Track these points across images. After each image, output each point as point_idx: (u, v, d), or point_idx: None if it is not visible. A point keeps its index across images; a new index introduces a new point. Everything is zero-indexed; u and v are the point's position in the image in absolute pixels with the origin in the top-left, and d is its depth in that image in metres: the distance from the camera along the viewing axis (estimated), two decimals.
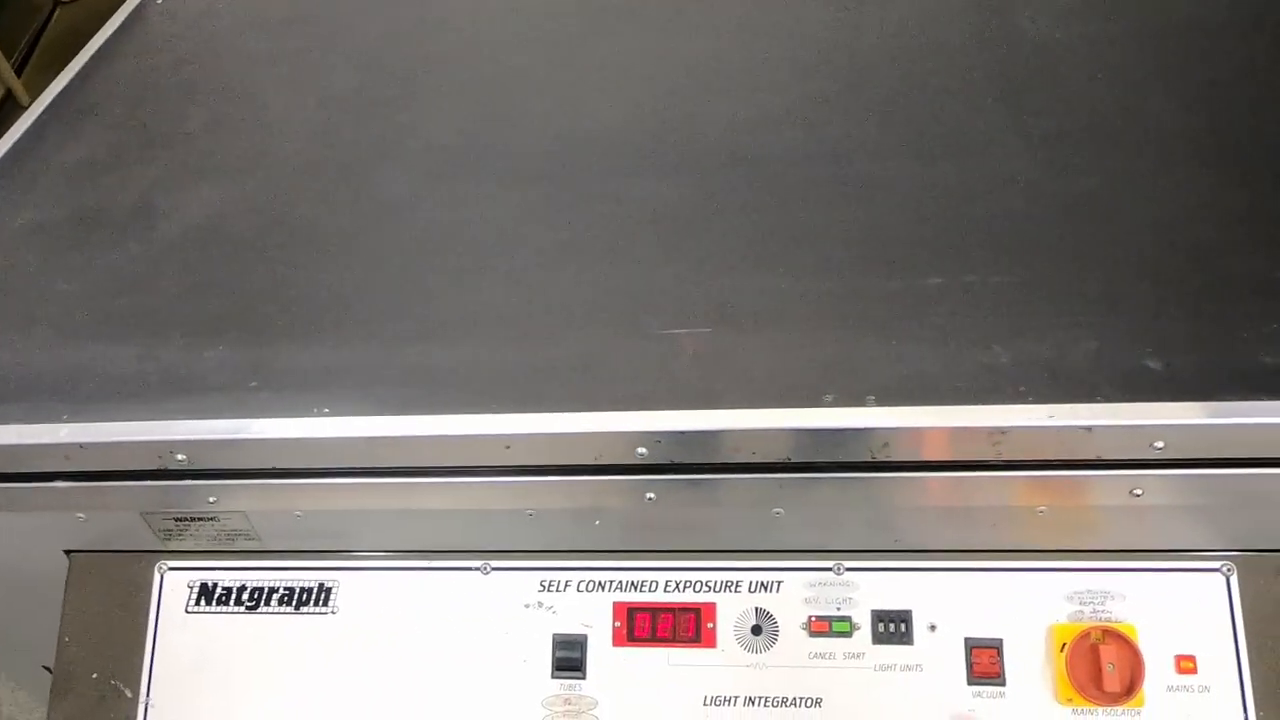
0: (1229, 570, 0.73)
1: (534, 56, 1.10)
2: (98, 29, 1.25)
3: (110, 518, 0.83)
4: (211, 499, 0.79)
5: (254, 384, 0.78)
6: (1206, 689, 0.71)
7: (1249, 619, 0.72)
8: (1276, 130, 0.87)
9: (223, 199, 0.97)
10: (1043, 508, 0.72)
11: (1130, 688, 0.70)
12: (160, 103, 1.10)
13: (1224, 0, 1.02)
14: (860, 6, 1.09)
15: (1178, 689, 0.71)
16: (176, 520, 0.82)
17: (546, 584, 0.80)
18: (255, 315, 0.84)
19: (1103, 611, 0.73)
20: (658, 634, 0.78)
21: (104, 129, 1.08)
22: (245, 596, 0.83)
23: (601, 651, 0.78)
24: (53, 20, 3.44)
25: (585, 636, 0.78)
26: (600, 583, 0.80)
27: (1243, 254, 0.76)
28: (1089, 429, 0.66)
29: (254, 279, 0.88)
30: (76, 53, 1.21)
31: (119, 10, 1.26)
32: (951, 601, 0.75)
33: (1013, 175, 0.87)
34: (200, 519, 0.82)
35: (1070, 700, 0.72)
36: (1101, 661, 0.71)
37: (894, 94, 0.98)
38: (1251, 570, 0.73)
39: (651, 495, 0.74)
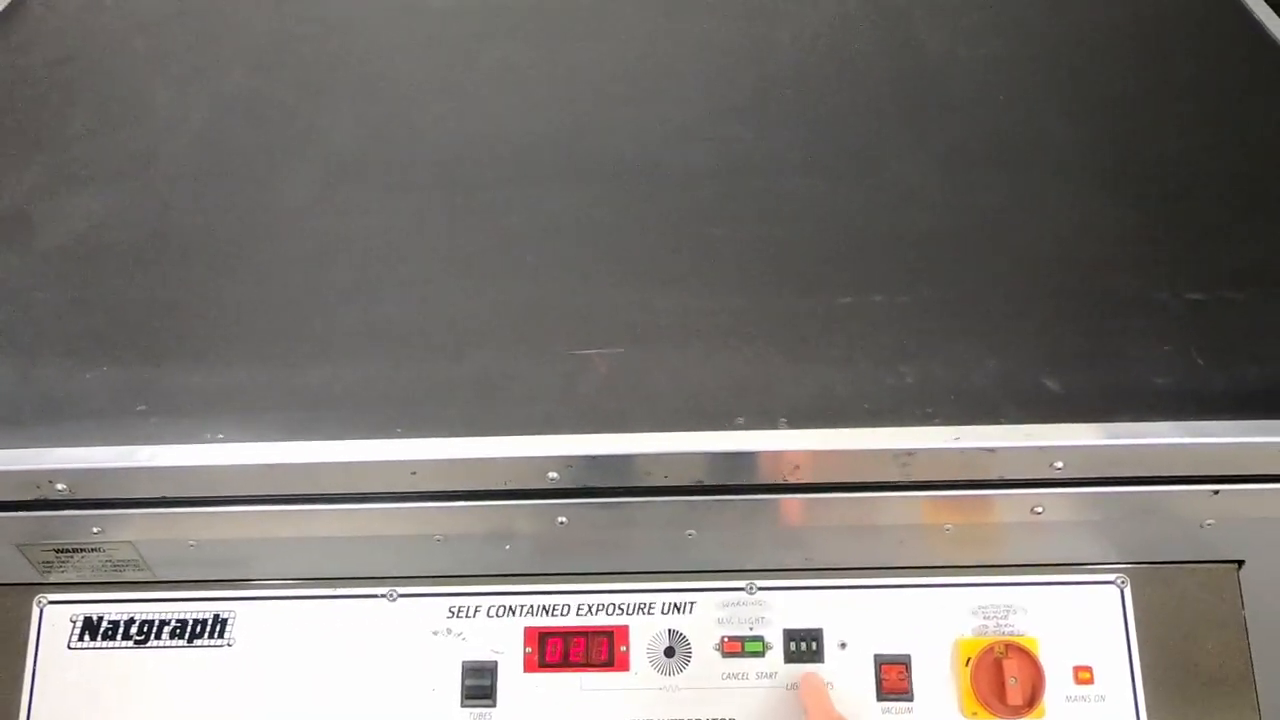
0: (1123, 582, 0.76)
1: (434, 60, 1.08)
2: None
3: None
4: (96, 529, 0.75)
5: (141, 407, 0.74)
6: (1102, 698, 0.74)
7: (1141, 629, 0.75)
8: (1169, 151, 0.90)
9: (105, 207, 0.91)
10: (948, 525, 0.74)
11: (1032, 700, 0.72)
12: (38, 102, 1.04)
13: (1120, 24, 1.06)
14: (768, 21, 1.10)
15: (1076, 699, 0.74)
16: (57, 551, 0.77)
17: (455, 610, 0.78)
18: (141, 333, 0.80)
19: (1006, 625, 0.75)
20: (570, 659, 0.77)
21: None
22: (134, 630, 0.79)
23: (512, 678, 0.76)
24: None
25: (495, 663, 0.77)
26: (510, 607, 0.78)
27: (1134, 274, 0.79)
28: (993, 450, 0.68)
29: (139, 293, 0.83)
30: None
31: None
32: (861, 619, 0.76)
33: (914, 192, 0.88)
34: (84, 550, 0.77)
35: (975, 714, 0.73)
36: (1005, 675, 0.72)
37: (800, 109, 0.98)
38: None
39: (563, 519, 0.73)
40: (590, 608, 0.78)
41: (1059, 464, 0.68)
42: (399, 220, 0.88)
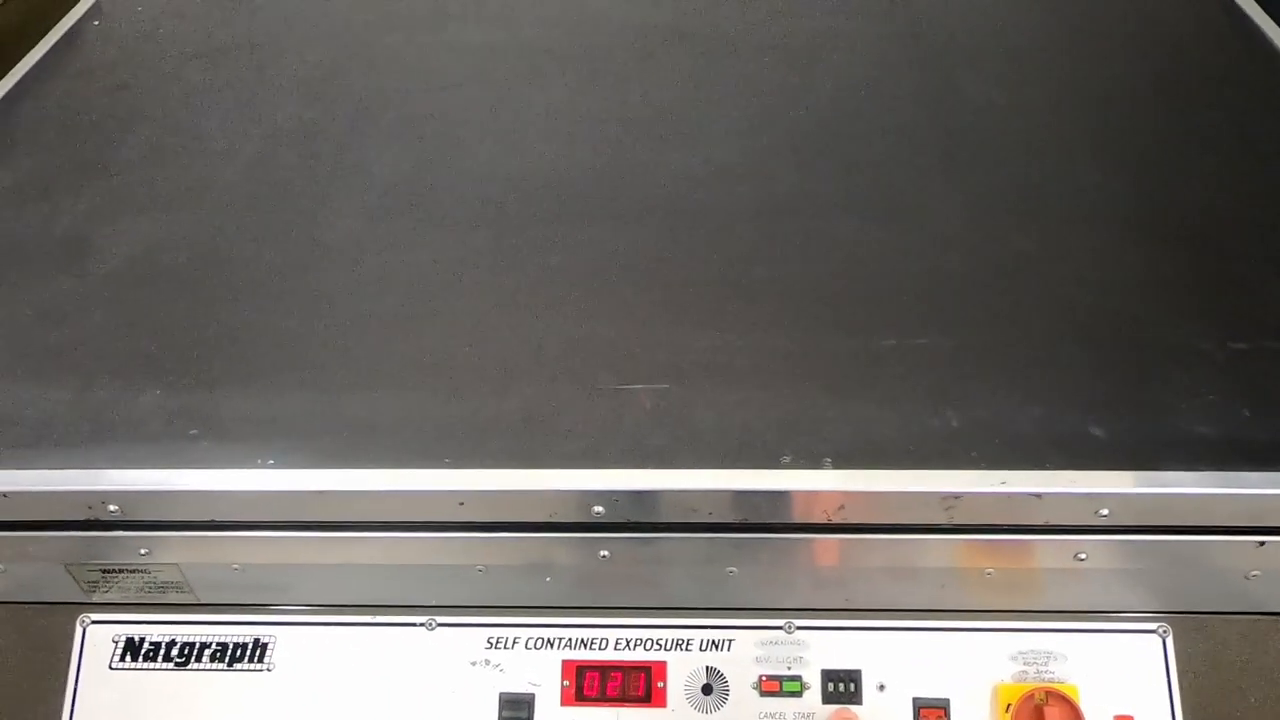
0: (1165, 631, 0.75)
1: (480, 98, 1.09)
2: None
3: (30, 568, 0.79)
4: (143, 551, 0.76)
5: (193, 431, 0.75)
6: None
7: (1183, 678, 0.74)
8: (1210, 199, 0.91)
9: (159, 233, 0.93)
10: (990, 570, 0.74)
11: None
12: (94, 129, 1.06)
13: (1157, 73, 1.07)
14: (807, 63, 1.11)
15: None
16: (104, 572, 0.78)
17: (494, 641, 0.78)
18: (192, 358, 0.81)
19: (1046, 672, 0.75)
20: (607, 693, 0.77)
21: (33, 155, 1.03)
22: (175, 652, 0.80)
23: (549, 711, 0.76)
24: None
25: (533, 695, 0.77)
26: (549, 640, 0.78)
27: (1177, 323, 0.79)
28: (1039, 496, 0.68)
29: (190, 319, 0.84)
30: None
31: (52, 30, 1.21)
32: (900, 661, 0.76)
33: (954, 236, 0.89)
34: (130, 570, 0.78)
35: None
36: None
37: (841, 151, 0.99)
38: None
39: (605, 553, 0.74)
40: (629, 642, 0.78)
41: (1104, 511, 0.68)
42: (446, 254, 0.90)
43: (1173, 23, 1.15)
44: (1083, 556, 0.71)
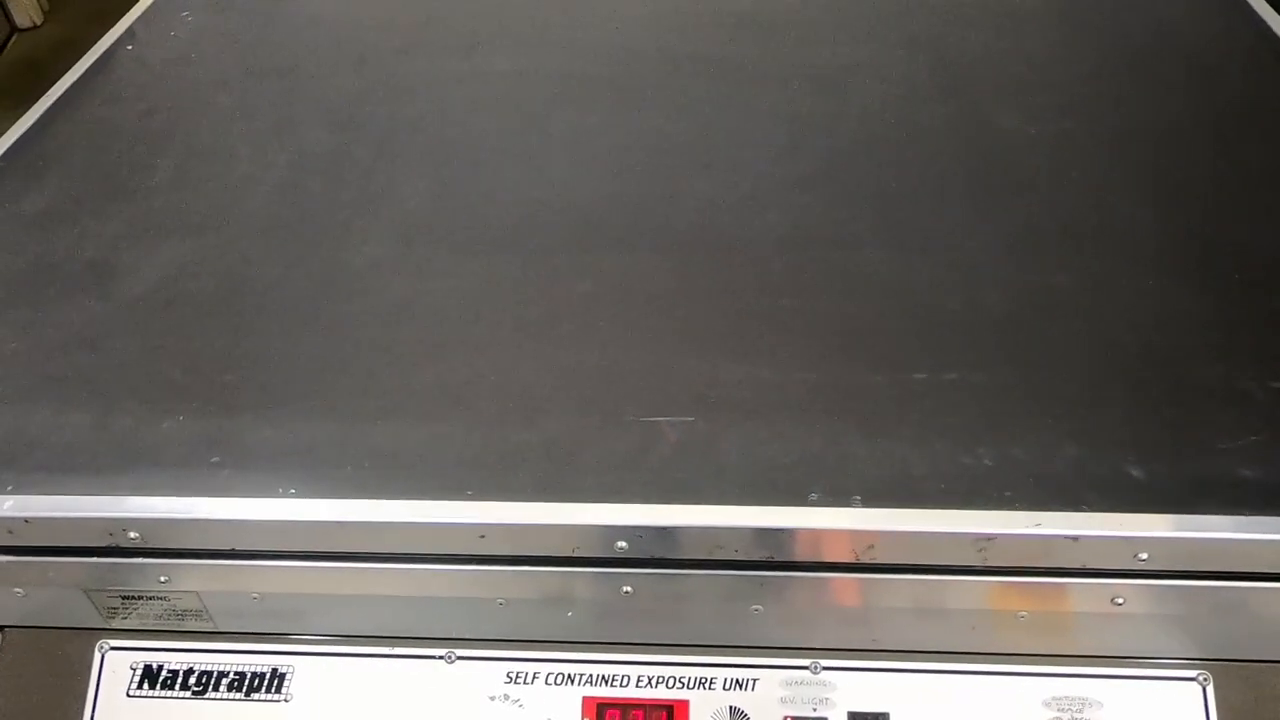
0: (1205, 680, 0.73)
1: (506, 125, 1.09)
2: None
3: (50, 593, 0.78)
4: (163, 578, 0.75)
5: (215, 459, 0.75)
6: None
7: None
8: (1249, 236, 0.89)
9: (185, 258, 0.94)
10: (1023, 613, 0.72)
11: None
12: (125, 154, 1.07)
13: (1193, 107, 1.05)
14: (840, 92, 1.10)
15: None
16: (124, 598, 0.78)
17: (514, 675, 0.77)
18: (216, 384, 0.81)
19: (1081, 718, 0.72)
20: None
21: (64, 178, 1.04)
22: (192, 681, 0.79)
23: None
24: (9, 47, 3.36)
25: None
26: (570, 675, 0.77)
27: (1214, 362, 0.77)
28: (1075, 538, 0.66)
29: (215, 345, 0.84)
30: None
31: (87, 54, 1.23)
32: (929, 704, 0.74)
33: (985, 270, 0.88)
34: (149, 598, 0.78)
35: None
36: None
37: (871, 182, 0.98)
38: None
39: (628, 589, 0.72)
40: (650, 680, 0.76)
41: (1143, 555, 0.66)
42: (470, 283, 0.89)
43: (1210, 52, 1.14)
44: (1120, 601, 0.69)
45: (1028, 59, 1.14)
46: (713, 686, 0.76)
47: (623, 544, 0.69)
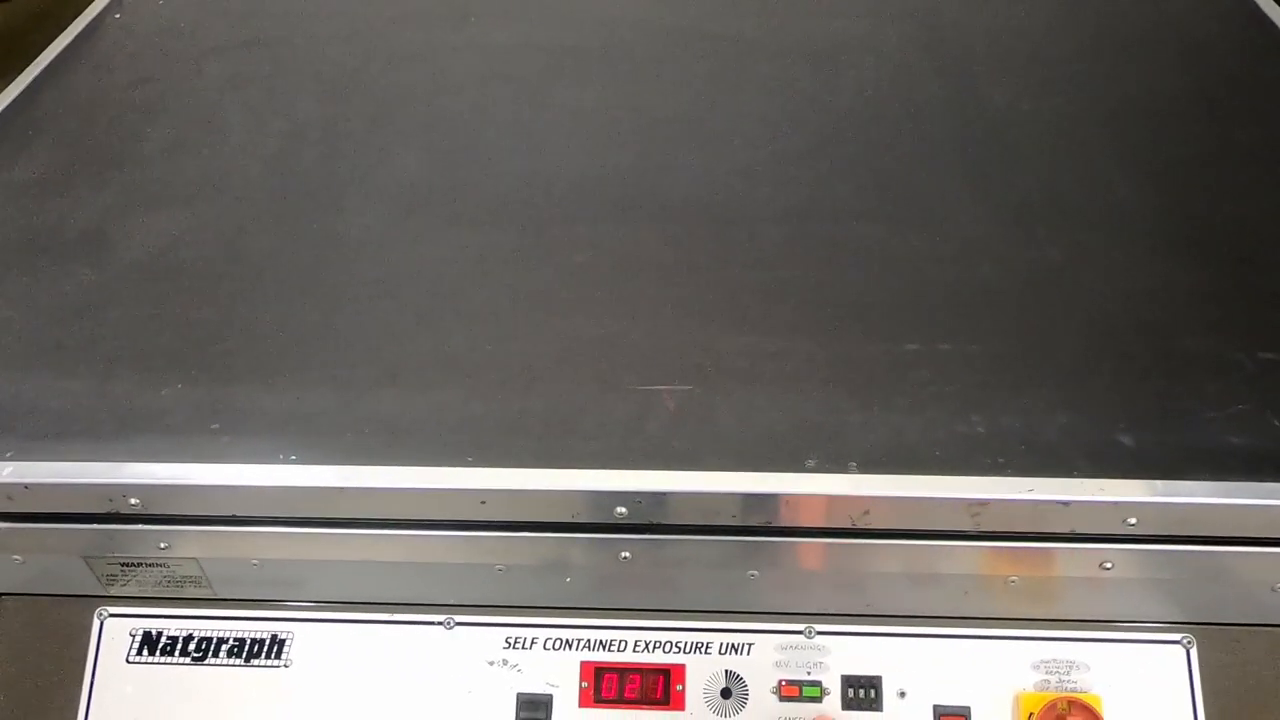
0: (1189, 642, 0.75)
1: (502, 97, 1.09)
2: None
3: (49, 560, 0.78)
4: (163, 545, 0.76)
5: (215, 426, 0.75)
6: None
7: (1207, 690, 0.74)
8: (1239, 209, 0.90)
9: (180, 226, 0.93)
10: (1014, 578, 0.73)
11: None
12: (116, 122, 1.06)
13: (1185, 81, 1.06)
14: (832, 68, 1.11)
15: None
16: (123, 565, 0.78)
17: (512, 641, 0.78)
18: (214, 352, 0.81)
19: (1068, 681, 0.74)
20: (625, 695, 0.76)
21: (55, 147, 1.03)
22: (192, 647, 0.80)
23: (567, 713, 0.76)
24: None
25: (551, 697, 0.76)
26: (568, 641, 0.78)
27: (1201, 333, 0.79)
28: (1066, 504, 0.68)
29: (212, 313, 0.84)
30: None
31: (74, 22, 1.21)
32: (921, 668, 0.75)
33: (978, 243, 0.89)
34: (148, 564, 0.78)
35: None
36: None
37: (864, 156, 0.99)
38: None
39: (627, 554, 0.73)
40: (648, 645, 0.78)
41: (1132, 520, 0.68)
42: (468, 253, 0.89)
43: (1200, 30, 1.15)
44: (1108, 565, 0.71)
45: (1023, 36, 1.15)
46: (709, 651, 0.77)
47: (621, 510, 0.70)
